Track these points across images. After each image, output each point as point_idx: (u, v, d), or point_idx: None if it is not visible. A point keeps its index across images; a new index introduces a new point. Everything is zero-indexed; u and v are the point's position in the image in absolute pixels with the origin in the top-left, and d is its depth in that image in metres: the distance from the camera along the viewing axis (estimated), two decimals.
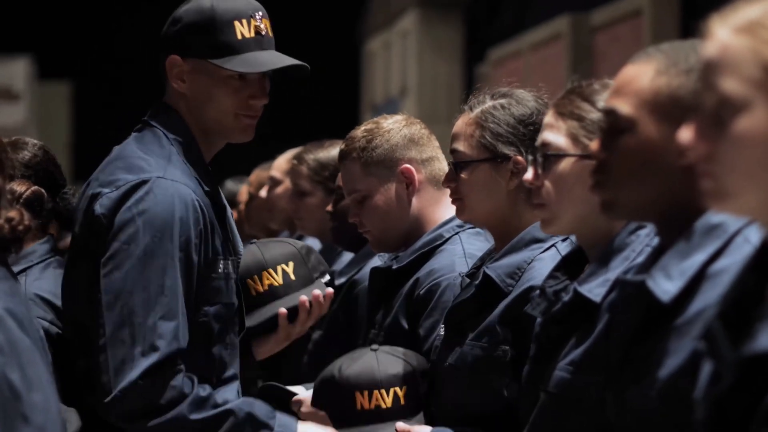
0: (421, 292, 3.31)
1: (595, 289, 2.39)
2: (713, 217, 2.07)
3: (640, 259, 2.27)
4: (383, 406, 2.96)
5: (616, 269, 2.35)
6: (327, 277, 3.27)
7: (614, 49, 7.85)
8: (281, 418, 2.89)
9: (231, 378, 2.98)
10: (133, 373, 2.72)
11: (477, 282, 2.95)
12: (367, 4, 11.56)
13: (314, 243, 4.76)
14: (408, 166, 3.42)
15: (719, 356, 1.62)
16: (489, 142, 2.99)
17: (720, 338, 1.62)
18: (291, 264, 3.20)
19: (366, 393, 2.96)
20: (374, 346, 3.07)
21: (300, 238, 4.92)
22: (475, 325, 2.94)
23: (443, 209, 3.46)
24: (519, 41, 9.01)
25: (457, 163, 3.03)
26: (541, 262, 2.92)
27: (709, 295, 2.00)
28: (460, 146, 3.03)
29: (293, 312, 3.18)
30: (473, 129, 3.02)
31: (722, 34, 1.61)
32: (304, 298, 3.17)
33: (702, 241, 2.06)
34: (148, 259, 2.76)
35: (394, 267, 3.44)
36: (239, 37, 2.92)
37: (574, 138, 2.53)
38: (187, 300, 2.81)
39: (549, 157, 2.55)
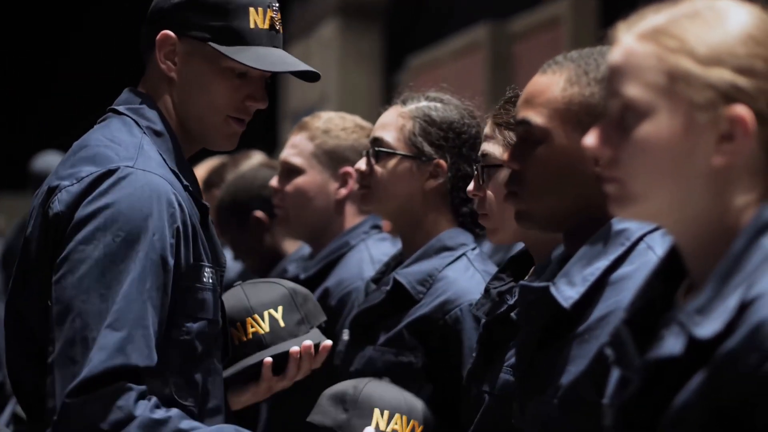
0: (333, 303, 3.32)
1: None
2: (617, 224, 2.09)
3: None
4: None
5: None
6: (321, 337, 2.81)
7: (534, 57, 7.89)
8: None
9: (215, 410, 2.50)
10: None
11: (388, 288, 2.95)
12: (285, 13, 11.53)
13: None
14: (351, 170, 3.43)
15: (626, 362, 1.63)
16: (417, 140, 2.98)
17: (627, 344, 1.63)
18: (280, 309, 2.76)
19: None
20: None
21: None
22: (384, 330, 2.94)
23: (356, 220, 3.48)
24: (438, 50, 9.04)
25: (380, 151, 3.01)
26: (454, 272, 2.92)
27: (611, 302, 2.01)
28: (387, 136, 3.01)
29: (281, 363, 2.72)
30: (404, 122, 3.01)
31: (627, 40, 1.62)
32: (295, 349, 2.70)
33: (605, 248, 2.08)
34: (108, 261, 2.30)
35: (302, 277, 3.45)
36: (252, 25, 2.49)
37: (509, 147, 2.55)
38: (163, 312, 2.35)
39: (488, 167, 2.57)
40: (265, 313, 2.75)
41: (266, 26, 2.50)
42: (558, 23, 7.64)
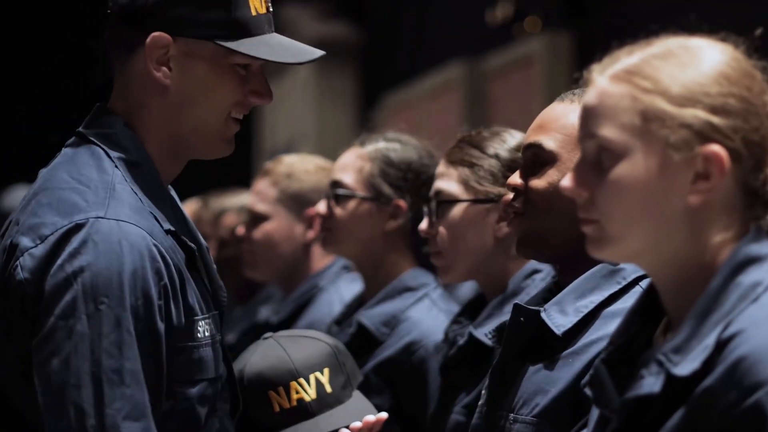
0: None
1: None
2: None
3: None
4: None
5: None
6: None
7: (509, 95, 7.93)
8: None
9: None
10: None
11: (351, 330, 2.95)
12: None
13: None
14: (315, 212, 3.45)
15: (606, 402, 1.64)
16: (377, 181, 2.99)
17: (606, 384, 1.64)
18: (326, 371, 2.44)
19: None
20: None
21: None
22: None
23: (325, 261, 3.49)
24: (414, 88, 9.07)
25: (339, 193, 3.02)
26: (419, 313, 2.93)
27: (599, 332, 2.03)
28: (346, 177, 3.03)
29: None
30: (363, 163, 3.02)
31: (601, 82, 1.63)
32: (356, 425, 2.37)
33: (600, 283, 2.10)
34: (96, 336, 1.96)
35: (275, 320, 3.45)
36: (253, 12, 2.15)
37: (465, 184, 2.56)
38: (156, 384, 2.02)
39: (442, 204, 2.57)
40: (311, 377, 2.42)
41: (264, 10, 2.19)
42: (531, 62, 7.67)
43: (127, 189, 2.08)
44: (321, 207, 3.08)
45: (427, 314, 2.92)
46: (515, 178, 2.21)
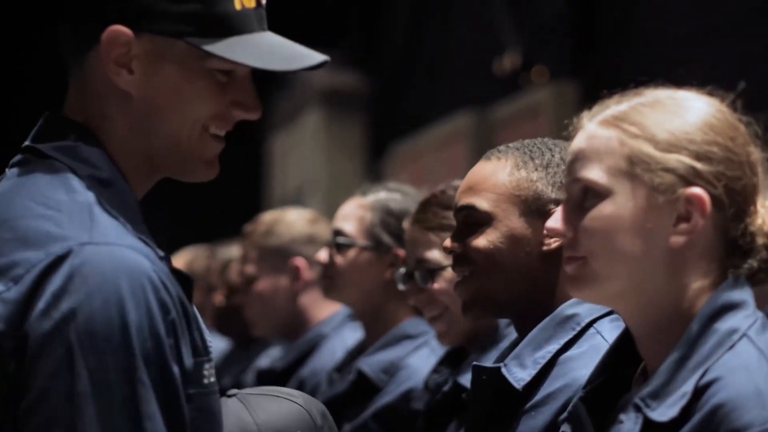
0: (307, 392, 3.33)
1: None
2: (567, 309, 2.11)
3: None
4: None
5: (493, 360, 2.39)
6: None
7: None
8: None
9: None
10: None
11: (351, 378, 2.96)
12: (269, 101, 11.62)
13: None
14: (300, 261, 3.47)
15: None
16: (376, 230, 3.02)
17: (585, 423, 1.66)
18: None
19: None
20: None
21: None
22: (347, 420, 2.95)
23: (329, 310, 3.51)
24: (422, 138, 9.11)
25: (340, 242, 3.05)
26: (418, 360, 2.94)
27: (558, 381, 2.04)
28: (347, 226, 3.05)
29: None
30: (363, 212, 3.05)
31: (590, 126, 1.67)
32: None
33: (555, 332, 2.10)
34: (100, 395, 1.57)
35: (278, 368, 3.47)
36: (238, 6, 1.75)
37: None
38: None
39: (431, 271, 2.58)
40: None
41: (253, 4, 1.78)
42: (539, 112, 7.71)
43: (106, 210, 1.69)
44: (323, 255, 3.11)
45: (426, 362, 2.92)
46: (449, 242, 2.20)
